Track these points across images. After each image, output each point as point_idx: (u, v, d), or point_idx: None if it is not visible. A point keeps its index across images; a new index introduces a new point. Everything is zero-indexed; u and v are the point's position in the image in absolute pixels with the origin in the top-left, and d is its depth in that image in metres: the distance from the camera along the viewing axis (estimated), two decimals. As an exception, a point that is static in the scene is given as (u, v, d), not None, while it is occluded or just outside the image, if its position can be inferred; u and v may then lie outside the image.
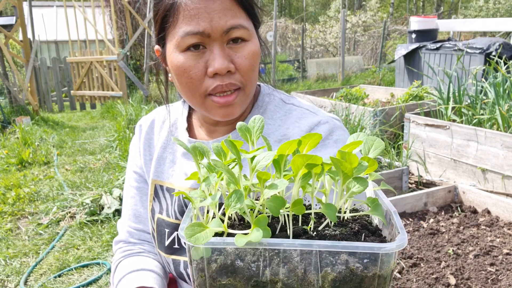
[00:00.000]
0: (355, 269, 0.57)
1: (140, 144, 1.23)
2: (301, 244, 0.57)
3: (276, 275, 0.58)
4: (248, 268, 0.58)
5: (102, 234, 3.30)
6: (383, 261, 0.57)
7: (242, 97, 1.00)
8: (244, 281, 0.59)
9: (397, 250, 0.57)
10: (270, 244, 0.57)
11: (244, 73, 0.97)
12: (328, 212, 0.61)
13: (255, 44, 0.99)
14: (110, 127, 7.00)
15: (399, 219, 0.63)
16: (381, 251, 0.56)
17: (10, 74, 9.82)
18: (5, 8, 18.84)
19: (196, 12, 0.92)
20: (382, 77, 11.15)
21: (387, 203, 0.68)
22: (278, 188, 0.60)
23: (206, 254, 0.59)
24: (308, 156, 0.60)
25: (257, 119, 0.73)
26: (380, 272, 0.57)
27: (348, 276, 0.57)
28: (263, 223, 0.59)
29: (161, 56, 1.07)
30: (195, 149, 0.70)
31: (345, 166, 0.61)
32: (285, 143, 0.64)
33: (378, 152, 0.68)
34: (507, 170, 3.24)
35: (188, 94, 1.01)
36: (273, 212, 0.61)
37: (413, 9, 29.88)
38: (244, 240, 0.56)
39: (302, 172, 0.63)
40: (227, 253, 0.58)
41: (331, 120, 1.07)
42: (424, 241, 2.57)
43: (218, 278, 0.59)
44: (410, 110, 4.76)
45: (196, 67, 0.96)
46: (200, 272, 0.60)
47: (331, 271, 0.57)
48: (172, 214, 1.12)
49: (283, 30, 17.73)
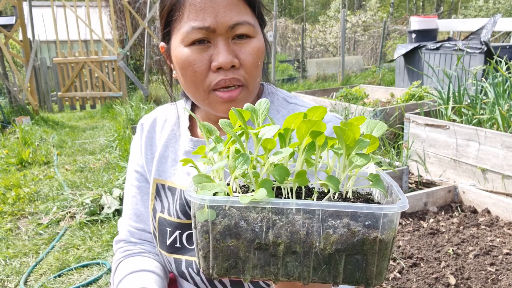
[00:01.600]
0: (357, 231, 0.57)
1: (142, 143, 1.23)
2: (304, 203, 0.57)
3: (279, 237, 0.59)
4: (252, 229, 0.59)
5: (102, 234, 3.30)
6: (385, 224, 0.58)
7: (245, 93, 1.01)
8: (247, 243, 0.59)
9: (397, 211, 0.57)
10: (274, 203, 0.58)
11: (248, 69, 0.98)
12: (331, 183, 0.62)
13: (259, 41, 1.00)
14: (110, 127, 7.00)
15: (399, 189, 0.64)
16: (383, 211, 0.57)
17: (10, 74, 9.82)
18: (5, 8, 18.84)
19: (202, 7, 0.93)
20: (382, 77, 11.15)
21: (387, 179, 0.69)
22: (283, 153, 0.61)
23: (211, 217, 0.59)
24: (313, 121, 0.60)
25: (263, 102, 0.74)
26: (382, 236, 0.58)
27: (350, 239, 0.58)
28: (268, 185, 0.60)
29: (166, 53, 1.07)
30: (204, 126, 0.72)
31: (347, 135, 0.61)
32: (290, 115, 0.64)
33: (381, 132, 0.69)
34: (507, 170, 3.24)
35: (192, 88, 1.01)
36: (278, 180, 0.62)
37: (413, 9, 29.87)
38: (249, 198, 0.57)
39: (306, 140, 0.63)
40: (231, 215, 0.59)
41: (334, 119, 1.07)
42: (424, 241, 2.57)
43: (221, 239, 0.60)
44: (410, 110, 4.76)
45: (201, 61, 0.96)
46: (204, 235, 0.61)
47: (332, 233, 0.58)
48: (174, 213, 1.12)
49: (283, 30, 17.73)
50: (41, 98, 9.73)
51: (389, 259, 0.61)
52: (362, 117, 0.67)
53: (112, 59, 8.87)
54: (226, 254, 0.61)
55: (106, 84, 9.07)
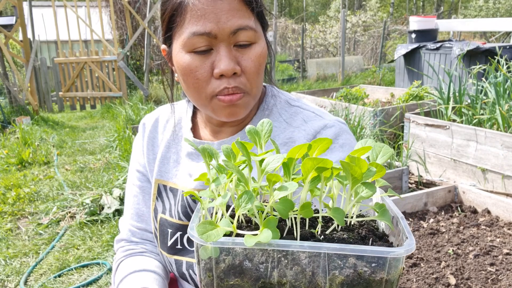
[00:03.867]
0: (363, 272, 0.57)
1: (144, 143, 1.22)
2: (310, 246, 0.57)
3: (284, 276, 0.58)
4: (256, 269, 0.58)
5: (102, 234, 3.30)
6: (391, 265, 0.57)
7: (247, 99, 1.00)
8: (252, 282, 0.59)
9: (405, 254, 0.57)
10: (280, 245, 0.57)
11: (250, 75, 0.97)
12: (336, 215, 0.61)
13: (262, 46, 0.98)
14: (110, 127, 7.00)
15: (406, 224, 0.64)
16: (390, 255, 0.56)
17: (10, 74, 9.82)
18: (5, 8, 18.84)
19: (203, 12, 0.92)
20: (382, 77, 11.15)
21: (394, 209, 0.68)
22: (288, 190, 0.60)
23: (215, 254, 0.59)
24: (319, 159, 0.60)
25: (265, 123, 0.73)
26: (388, 277, 0.58)
27: (356, 280, 0.57)
28: (273, 224, 0.59)
29: (167, 55, 1.06)
30: (204, 150, 0.71)
31: (355, 170, 0.61)
32: (295, 147, 0.64)
33: (386, 158, 0.68)
34: (507, 170, 3.24)
35: (195, 94, 1.00)
36: (282, 215, 0.61)
37: (413, 9, 29.88)
38: (254, 240, 0.56)
39: (311, 175, 0.63)
40: (235, 253, 0.59)
41: (337, 124, 1.06)
42: (424, 241, 2.57)
43: (225, 278, 0.59)
44: (410, 110, 4.76)
45: (202, 68, 0.95)
46: (208, 272, 0.60)
47: (339, 274, 0.57)
48: (176, 214, 1.12)
49: (283, 30, 17.74)
50: (41, 98, 9.73)
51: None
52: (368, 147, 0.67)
53: (112, 59, 8.87)
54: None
55: (106, 84, 9.07)
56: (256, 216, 0.64)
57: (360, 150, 0.66)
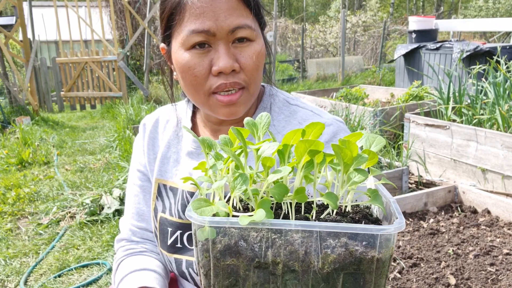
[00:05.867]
0: (354, 251, 0.59)
1: (144, 142, 1.23)
2: (302, 224, 0.59)
3: (278, 256, 0.60)
4: (251, 249, 0.60)
5: (102, 234, 3.30)
6: (382, 244, 0.59)
7: (246, 96, 1.01)
8: (247, 262, 0.61)
9: (395, 232, 0.58)
10: (273, 224, 0.59)
11: (248, 72, 0.98)
12: (330, 200, 0.63)
13: (260, 44, 1.00)
14: (110, 127, 7.00)
15: (397, 206, 0.65)
16: (380, 232, 0.58)
17: (10, 74, 9.82)
18: (5, 8, 18.84)
19: (202, 10, 0.93)
20: (382, 77, 11.15)
21: (386, 194, 0.70)
22: (282, 172, 0.62)
23: (211, 235, 0.61)
24: (311, 141, 0.62)
25: (264, 116, 0.76)
26: (379, 256, 0.59)
27: (347, 258, 0.59)
28: (267, 205, 0.61)
29: (166, 54, 1.07)
30: (204, 141, 0.73)
31: (345, 153, 0.62)
32: (289, 132, 0.65)
33: (379, 147, 0.70)
34: (507, 170, 3.24)
35: (193, 92, 1.01)
36: (277, 199, 0.63)
37: (413, 9, 29.88)
38: (248, 219, 0.58)
39: (304, 159, 0.64)
40: (231, 234, 0.61)
41: (335, 123, 1.07)
42: (424, 241, 2.58)
43: (222, 258, 0.61)
44: (410, 110, 4.76)
45: (201, 65, 0.96)
46: (205, 253, 0.62)
47: (331, 252, 0.59)
48: (175, 213, 1.13)
49: (283, 30, 17.73)
50: (41, 98, 9.73)
51: (387, 276, 0.62)
52: (359, 133, 0.68)
53: (112, 59, 8.87)
54: (226, 272, 0.62)
55: (106, 84, 9.07)
56: (251, 199, 0.66)
57: (351, 135, 0.68)
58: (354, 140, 0.68)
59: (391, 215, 0.66)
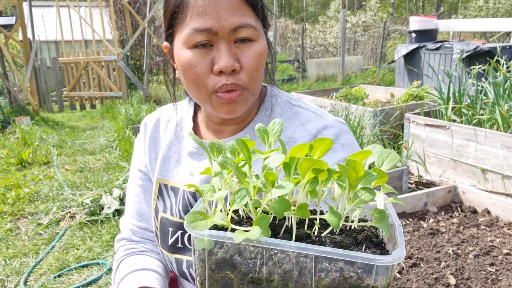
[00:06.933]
0: (349, 278, 0.57)
1: (145, 142, 1.23)
2: (297, 247, 0.57)
3: (272, 274, 0.59)
4: (246, 264, 0.60)
5: (102, 234, 3.30)
6: (378, 273, 0.57)
7: (246, 95, 1.01)
8: (241, 276, 0.60)
9: (392, 264, 0.56)
10: (267, 243, 0.58)
11: (249, 72, 0.98)
12: (332, 219, 0.61)
13: (262, 45, 1.00)
14: (110, 127, 7.00)
15: (401, 233, 0.63)
16: (376, 262, 0.56)
17: (10, 74, 9.82)
18: (5, 8, 18.84)
19: (204, 9, 0.93)
20: (382, 77, 11.15)
21: (393, 216, 0.68)
22: (284, 189, 0.61)
23: (208, 246, 0.61)
24: (314, 160, 0.60)
25: (277, 122, 0.74)
26: (375, 284, 0.57)
27: (342, 284, 0.57)
28: (264, 223, 0.60)
29: (169, 52, 1.08)
30: (213, 145, 0.72)
31: (350, 174, 0.61)
32: (296, 146, 0.64)
33: (392, 165, 0.68)
34: (507, 170, 3.24)
35: (194, 90, 1.01)
36: (277, 214, 0.62)
37: (413, 9, 29.89)
38: (242, 236, 0.57)
39: (308, 176, 0.63)
40: (227, 247, 0.60)
41: (337, 124, 1.07)
42: (424, 241, 2.57)
43: (217, 270, 0.61)
44: (410, 110, 4.76)
45: (202, 63, 0.97)
46: (201, 263, 0.62)
47: (325, 276, 0.57)
48: (176, 213, 1.13)
49: (283, 30, 17.74)
50: (41, 98, 9.73)
51: None
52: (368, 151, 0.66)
53: (112, 59, 8.87)
54: (221, 284, 0.62)
55: (107, 84, 9.08)
56: (252, 213, 0.65)
57: (360, 153, 0.66)
58: (362, 158, 0.65)
59: (396, 239, 0.64)
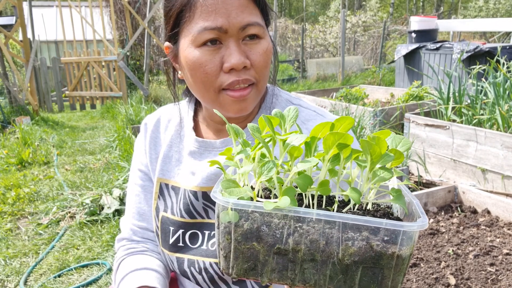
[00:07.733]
0: (375, 246, 0.59)
1: (146, 142, 1.24)
2: (326, 214, 0.59)
3: (298, 244, 0.60)
4: (273, 235, 0.61)
5: (102, 234, 3.30)
6: (403, 241, 0.59)
7: (255, 92, 1.01)
8: (268, 247, 0.61)
9: (417, 230, 0.58)
10: (297, 212, 0.60)
11: (258, 69, 0.99)
12: (353, 194, 0.63)
13: (268, 42, 1.01)
14: (110, 127, 7.00)
15: (420, 207, 0.65)
16: (403, 228, 0.58)
17: (10, 74, 9.82)
18: (5, 8, 18.84)
19: (214, 8, 0.94)
20: (382, 77, 11.15)
21: (409, 194, 0.70)
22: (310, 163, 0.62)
23: (234, 219, 0.62)
24: (341, 134, 0.62)
25: (292, 109, 0.77)
26: (399, 252, 0.59)
27: (368, 252, 0.59)
28: (292, 193, 0.62)
29: (171, 53, 1.07)
30: (232, 128, 0.74)
31: (374, 149, 0.62)
32: (317, 125, 0.66)
33: (405, 148, 0.70)
34: (507, 170, 3.24)
35: (202, 89, 1.01)
36: (301, 189, 0.64)
37: (413, 9, 29.89)
38: (273, 205, 0.58)
39: (332, 152, 0.65)
40: (254, 219, 0.61)
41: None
42: (424, 241, 2.58)
43: (243, 242, 0.62)
44: (410, 110, 4.77)
45: (212, 62, 0.96)
46: (226, 235, 0.63)
47: (351, 245, 0.59)
48: (177, 212, 1.13)
49: (283, 30, 17.74)
50: (41, 98, 9.73)
51: (405, 274, 0.62)
52: (387, 131, 0.68)
53: (112, 59, 8.87)
54: (246, 256, 0.63)
55: (107, 84, 9.08)
56: (275, 188, 0.66)
57: (379, 133, 0.68)
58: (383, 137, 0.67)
59: (412, 215, 0.66)
